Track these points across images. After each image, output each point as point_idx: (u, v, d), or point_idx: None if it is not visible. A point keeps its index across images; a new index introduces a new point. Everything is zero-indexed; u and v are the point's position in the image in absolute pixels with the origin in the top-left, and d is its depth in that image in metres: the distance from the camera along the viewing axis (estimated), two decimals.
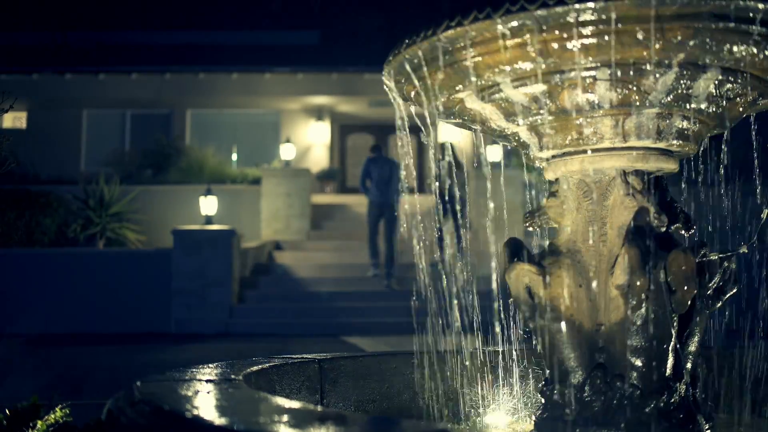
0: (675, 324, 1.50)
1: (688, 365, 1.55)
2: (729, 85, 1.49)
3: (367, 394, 1.94)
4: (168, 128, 13.74)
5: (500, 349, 1.93)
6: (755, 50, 1.42)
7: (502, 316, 1.71)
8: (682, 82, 1.44)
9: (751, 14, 1.34)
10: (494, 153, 10.43)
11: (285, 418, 1.09)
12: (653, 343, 1.48)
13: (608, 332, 1.52)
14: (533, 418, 1.71)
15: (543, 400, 1.62)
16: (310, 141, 13.89)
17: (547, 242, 1.65)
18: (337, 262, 9.35)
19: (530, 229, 1.71)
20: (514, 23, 1.37)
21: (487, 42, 1.43)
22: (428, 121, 1.66)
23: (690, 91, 1.47)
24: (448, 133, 13.64)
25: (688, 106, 1.50)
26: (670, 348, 1.50)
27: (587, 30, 1.36)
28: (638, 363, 1.49)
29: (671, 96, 1.47)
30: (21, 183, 10.94)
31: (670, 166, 1.58)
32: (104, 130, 13.84)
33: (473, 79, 1.51)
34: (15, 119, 14.55)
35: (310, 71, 13.20)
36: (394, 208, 8.61)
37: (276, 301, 8.39)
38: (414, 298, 1.82)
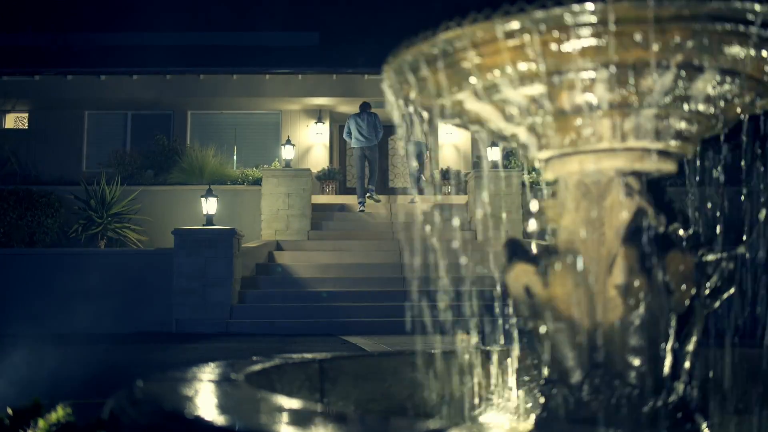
0: (673, 324, 1.51)
1: (687, 365, 1.55)
2: (727, 87, 1.49)
3: (367, 393, 1.95)
4: (169, 129, 13.76)
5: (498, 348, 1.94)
6: (753, 52, 1.43)
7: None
8: (680, 83, 1.45)
9: (749, 16, 1.35)
10: (494, 153, 10.43)
11: (286, 417, 1.10)
12: (651, 342, 1.49)
13: (606, 332, 1.52)
14: (533, 417, 1.72)
15: (542, 400, 1.63)
16: (310, 142, 13.90)
17: (546, 242, 1.66)
18: (337, 262, 9.36)
19: (530, 229, 1.72)
20: (513, 25, 1.38)
21: (487, 43, 1.44)
22: (427, 122, 1.67)
23: (688, 92, 1.48)
24: (447, 135, 13.65)
25: (686, 107, 1.51)
26: (669, 348, 1.51)
27: (586, 31, 1.37)
28: (636, 362, 1.49)
29: (669, 97, 1.48)
30: (23, 183, 10.97)
31: (669, 166, 1.59)
32: (106, 131, 13.86)
33: (472, 80, 1.52)
34: (17, 120, 14.57)
35: (310, 72, 13.21)
36: (375, 148, 10.93)
37: (276, 301, 8.41)
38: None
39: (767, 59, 1.45)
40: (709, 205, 1.73)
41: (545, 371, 1.62)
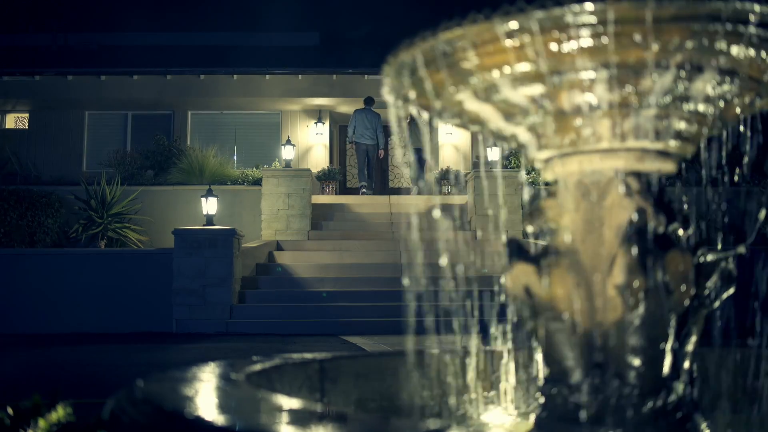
0: (673, 324, 1.51)
1: (686, 365, 1.56)
2: (726, 87, 1.49)
3: (367, 393, 1.95)
4: (169, 129, 13.77)
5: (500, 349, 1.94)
6: (752, 52, 1.43)
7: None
8: (679, 83, 1.45)
9: (748, 16, 1.35)
10: (494, 153, 10.44)
11: (286, 417, 1.10)
12: (651, 342, 1.49)
13: (606, 332, 1.52)
14: (533, 417, 1.72)
15: (542, 400, 1.63)
16: (310, 142, 13.91)
17: (546, 242, 1.66)
18: (337, 262, 9.37)
19: (530, 229, 1.72)
20: (513, 25, 1.38)
21: (486, 44, 1.44)
22: (427, 122, 1.68)
23: (687, 92, 1.48)
24: (447, 135, 13.65)
25: (685, 108, 1.51)
26: (668, 348, 1.51)
27: (585, 32, 1.37)
28: (636, 362, 1.49)
29: (669, 97, 1.48)
30: (23, 183, 10.99)
31: (668, 166, 1.59)
32: (106, 131, 13.87)
33: (472, 80, 1.52)
34: (17, 120, 14.57)
35: (310, 73, 13.22)
36: (376, 147, 11.95)
37: (276, 301, 8.41)
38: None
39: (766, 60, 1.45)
40: (709, 205, 1.74)
41: (545, 371, 1.63)
